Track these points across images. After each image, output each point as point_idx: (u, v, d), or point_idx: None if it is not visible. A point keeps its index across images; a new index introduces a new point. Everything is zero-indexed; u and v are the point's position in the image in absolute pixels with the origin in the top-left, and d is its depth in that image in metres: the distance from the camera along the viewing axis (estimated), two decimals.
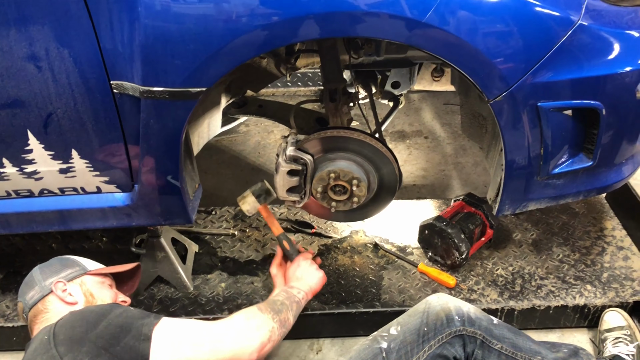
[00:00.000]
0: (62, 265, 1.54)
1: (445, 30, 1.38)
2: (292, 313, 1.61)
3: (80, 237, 2.30)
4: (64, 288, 1.46)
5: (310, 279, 1.80)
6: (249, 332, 1.41)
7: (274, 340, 1.46)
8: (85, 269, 1.56)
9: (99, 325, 1.27)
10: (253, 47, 1.40)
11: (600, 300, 1.96)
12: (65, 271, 1.52)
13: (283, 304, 1.60)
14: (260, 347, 1.40)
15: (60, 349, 1.23)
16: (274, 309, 1.54)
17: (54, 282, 1.47)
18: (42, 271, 1.52)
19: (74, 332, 1.26)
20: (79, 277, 1.53)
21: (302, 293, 1.73)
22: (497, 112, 1.52)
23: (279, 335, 1.49)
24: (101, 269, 1.59)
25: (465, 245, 2.01)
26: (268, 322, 1.47)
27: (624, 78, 1.53)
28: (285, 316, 1.57)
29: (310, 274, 1.82)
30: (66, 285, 1.47)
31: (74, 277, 1.52)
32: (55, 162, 1.62)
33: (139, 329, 1.28)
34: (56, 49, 1.41)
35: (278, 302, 1.60)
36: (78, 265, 1.56)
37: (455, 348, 1.53)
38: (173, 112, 1.48)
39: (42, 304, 1.46)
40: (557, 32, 1.44)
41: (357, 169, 1.75)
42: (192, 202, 1.78)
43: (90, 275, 1.55)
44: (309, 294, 1.77)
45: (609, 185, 1.79)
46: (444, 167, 2.95)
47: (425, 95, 3.59)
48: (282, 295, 1.67)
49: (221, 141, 3.19)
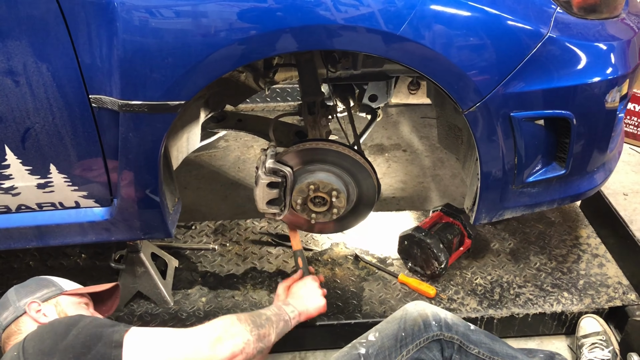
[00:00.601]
0: (38, 286, 1.51)
1: (419, 43, 1.41)
2: (275, 330, 1.56)
3: (58, 254, 2.27)
4: (37, 309, 1.43)
5: (310, 302, 1.78)
6: (220, 341, 1.36)
7: (247, 352, 1.40)
8: (62, 289, 1.52)
9: (68, 335, 1.24)
10: (231, 60, 1.42)
11: (577, 307, 1.99)
12: (40, 291, 1.49)
13: (268, 320, 1.56)
14: (231, 357, 1.35)
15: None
16: (255, 322, 1.49)
17: (28, 302, 1.44)
18: (17, 292, 1.49)
19: (43, 345, 1.23)
20: (54, 298, 1.49)
21: (296, 312, 1.70)
22: (472, 123, 1.55)
23: (254, 349, 1.43)
24: (78, 289, 1.56)
25: (444, 255, 2.03)
26: (244, 333, 1.42)
27: (593, 88, 1.57)
28: (267, 332, 1.51)
29: (312, 297, 1.80)
30: (40, 305, 1.44)
31: (49, 298, 1.48)
32: (33, 177, 1.61)
33: (110, 336, 1.26)
34: (34, 63, 1.41)
35: (263, 316, 1.55)
36: (54, 286, 1.52)
37: (434, 353, 1.55)
38: (152, 125, 1.48)
39: (15, 325, 1.42)
40: (527, 44, 1.48)
41: (337, 181, 1.77)
42: (171, 216, 1.77)
43: (66, 296, 1.51)
44: (303, 316, 1.74)
45: (582, 193, 1.83)
46: (422, 180, 2.99)
47: (403, 109, 3.65)
48: (271, 311, 1.63)
49: (201, 156, 3.19)
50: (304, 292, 1.82)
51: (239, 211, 2.73)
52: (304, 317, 1.75)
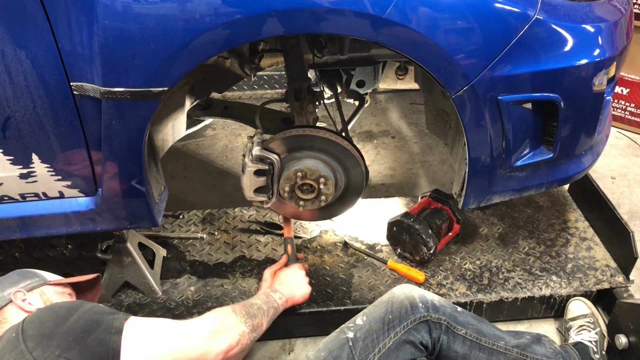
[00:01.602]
0: (21, 277, 1.51)
1: (406, 26, 1.40)
2: (267, 319, 1.63)
3: (44, 245, 2.24)
4: (23, 297, 1.43)
5: (296, 289, 1.82)
6: (218, 333, 1.41)
7: (242, 343, 1.46)
8: (45, 279, 1.53)
9: (69, 319, 1.25)
10: (215, 45, 1.39)
11: (566, 290, 2.00)
12: (24, 282, 1.49)
13: (260, 309, 1.61)
14: (228, 349, 1.40)
15: (29, 344, 1.20)
16: (248, 313, 1.54)
17: (12, 292, 1.44)
18: (1, 283, 1.48)
19: (43, 327, 1.24)
20: (38, 287, 1.50)
21: (283, 299, 1.75)
22: (459, 107, 1.54)
23: (248, 339, 1.50)
24: (61, 280, 1.57)
25: (433, 240, 2.03)
26: (239, 325, 1.48)
27: (580, 71, 1.57)
28: (260, 321, 1.58)
29: (299, 284, 1.84)
30: (25, 295, 1.44)
31: (34, 287, 1.49)
32: (15, 168, 1.58)
33: (110, 323, 1.27)
34: (13, 50, 1.38)
35: (255, 306, 1.60)
36: (37, 277, 1.53)
37: (421, 334, 1.56)
38: (135, 113, 1.46)
39: (1, 314, 1.41)
40: (514, 27, 1.46)
41: (324, 167, 1.76)
42: (157, 205, 1.75)
43: (50, 286, 1.53)
44: (289, 302, 1.79)
45: (570, 177, 1.83)
46: (411, 166, 2.98)
47: (392, 95, 3.63)
48: (261, 299, 1.68)
49: (188, 145, 3.16)
50: (291, 279, 1.85)
51: (227, 200, 2.71)
52: (290, 303, 1.80)
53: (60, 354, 1.19)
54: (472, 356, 1.60)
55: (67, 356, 1.20)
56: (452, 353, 1.59)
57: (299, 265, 1.91)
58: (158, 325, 1.37)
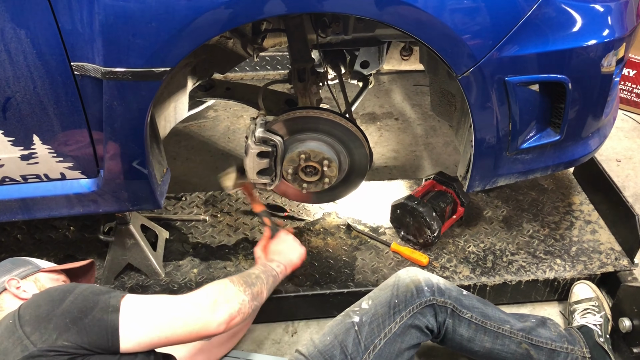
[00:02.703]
0: (14, 265, 1.50)
1: (412, 5, 1.37)
2: (266, 287, 1.60)
3: (46, 227, 2.24)
4: (17, 285, 1.43)
5: (291, 253, 1.82)
6: (217, 304, 1.38)
7: (244, 312, 1.43)
8: (38, 266, 1.52)
9: (65, 301, 1.24)
10: (218, 24, 1.37)
11: (570, 274, 2.00)
12: (17, 269, 1.48)
13: (258, 278, 1.58)
14: (229, 319, 1.38)
15: (27, 329, 1.20)
16: (247, 282, 1.51)
17: (6, 280, 1.43)
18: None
19: (39, 311, 1.23)
20: (32, 275, 1.49)
21: (282, 267, 1.74)
22: (466, 88, 1.52)
23: (249, 308, 1.46)
24: (54, 267, 1.57)
25: (437, 223, 2.02)
26: (238, 294, 1.44)
27: (589, 52, 1.54)
28: (259, 289, 1.54)
29: (292, 248, 1.84)
30: (20, 282, 1.44)
31: (27, 275, 1.48)
32: (16, 149, 1.56)
33: (107, 302, 1.26)
34: (12, 30, 1.35)
35: (253, 276, 1.57)
36: (30, 264, 1.52)
37: (427, 318, 1.55)
38: (137, 93, 1.44)
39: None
40: (522, 7, 1.44)
41: (328, 150, 1.74)
42: (160, 187, 1.74)
43: (43, 273, 1.52)
44: (288, 268, 1.78)
45: (577, 159, 1.81)
46: (414, 148, 2.96)
47: (395, 76, 3.60)
48: (258, 269, 1.65)
49: (190, 127, 3.14)
50: (282, 246, 1.84)
51: None
52: (290, 268, 1.79)
53: (58, 337, 1.19)
54: (477, 339, 1.60)
55: (65, 337, 1.19)
56: (457, 337, 1.59)
57: (284, 231, 1.90)
58: (155, 301, 1.34)
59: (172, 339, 1.31)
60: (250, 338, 1.95)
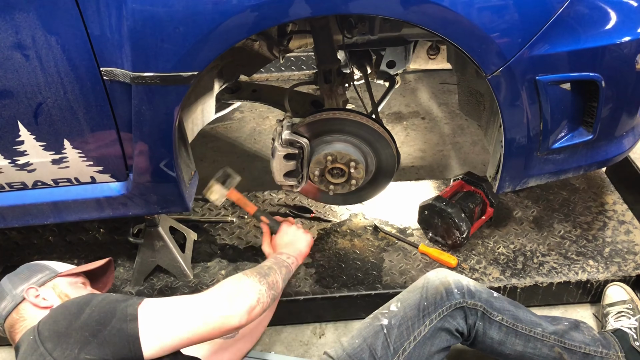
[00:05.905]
0: (31, 272, 1.49)
1: (439, 4, 1.35)
2: (280, 276, 1.57)
3: (77, 229, 2.28)
4: (36, 294, 1.42)
5: (298, 243, 1.79)
6: (235, 297, 1.36)
7: (263, 302, 1.41)
8: (55, 271, 1.50)
9: (82, 314, 1.24)
10: (244, 28, 1.37)
11: (603, 275, 1.95)
12: (35, 277, 1.47)
13: (270, 268, 1.56)
14: (249, 310, 1.35)
15: (48, 345, 1.20)
16: (260, 273, 1.49)
17: (25, 289, 1.42)
18: (11, 280, 1.47)
19: (58, 326, 1.23)
20: (50, 281, 1.47)
21: (292, 258, 1.72)
22: (495, 88, 1.49)
23: (268, 297, 1.44)
24: (72, 269, 1.54)
25: (466, 224, 1.99)
26: (254, 285, 1.42)
27: (622, 49, 1.50)
28: (274, 279, 1.52)
29: (297, 238, 1.81)
30: (38, 290, 1.43)
31: (45, 281, 1.47)
32: (47, 153, 1.59)
33: (124, 311, 1.25)
34: (43, 36, 1.38)
35: (265, 267, 1.56)
36: (47, 269, 1.50)
37: (457, 320, 1.53)
38: (165, 97, 1.45)
39: (16, 313, 1.40)
40: (553, 4, 1.41)
41: (355, 151, 1.73)
42: (188, 190, 1.75)
43: (61, 277, 1.50)
44: (299, 258, 1.76)
45: (610, 159, 1.77)
46: (442, 148, 2.93)
47: (422, 75, 3.56)
48: (269, 262, 1.63)
49: (216, 128, 3.16)
50: (288, 238, 1.82)
51: (256, 183, 2.70)
52: (301, 258, 1.77)
53: (79, 351, 1.18)
54: (508, 342, 1.57)
55: (87, 351, 1.18)
56: (488, 339, 1.57)
57: (286, 223, 1.88)
58: (173, 303, 1.33)
59: (194, 338, 1.30)
60: (278, 340, 1.96)
